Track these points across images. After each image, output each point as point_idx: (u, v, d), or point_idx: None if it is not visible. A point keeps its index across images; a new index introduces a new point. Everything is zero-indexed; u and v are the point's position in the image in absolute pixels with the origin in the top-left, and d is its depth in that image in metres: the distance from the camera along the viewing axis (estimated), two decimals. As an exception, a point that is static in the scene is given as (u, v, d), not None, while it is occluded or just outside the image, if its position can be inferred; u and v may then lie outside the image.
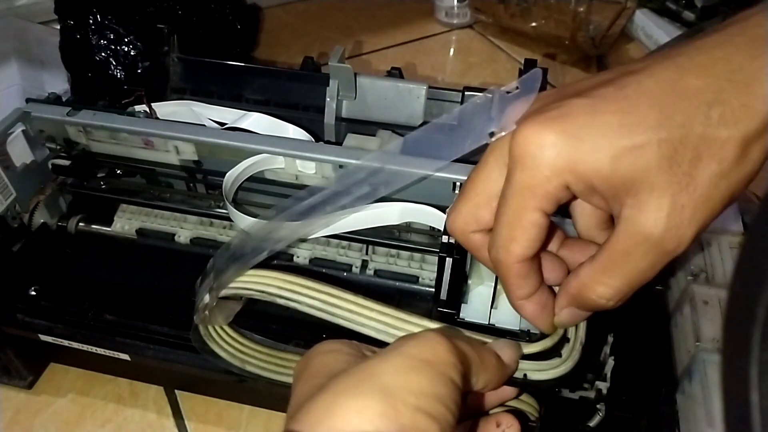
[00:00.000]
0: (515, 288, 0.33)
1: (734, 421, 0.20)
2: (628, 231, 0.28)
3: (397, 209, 0.48)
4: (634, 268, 0.29)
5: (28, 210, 0.53)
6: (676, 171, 0.27)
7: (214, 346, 0.42)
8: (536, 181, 0.29)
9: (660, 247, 0.28)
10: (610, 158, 0.27)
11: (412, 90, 0.57)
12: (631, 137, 0.27)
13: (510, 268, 0.32)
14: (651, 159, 0.27)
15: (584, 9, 0.86)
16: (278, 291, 0.38)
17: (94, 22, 0.61)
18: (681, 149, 0.27)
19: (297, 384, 0.29)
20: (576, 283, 0.32)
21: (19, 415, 0.52)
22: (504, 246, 0.31)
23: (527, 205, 0.29)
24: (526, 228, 0.30)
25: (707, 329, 0.41)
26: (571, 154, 0.28)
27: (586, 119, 0.28)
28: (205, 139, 0.50)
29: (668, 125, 0.27)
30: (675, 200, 0.27)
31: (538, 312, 0.34)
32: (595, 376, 0.40)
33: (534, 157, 0.28)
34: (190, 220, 0.54)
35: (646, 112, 0.27)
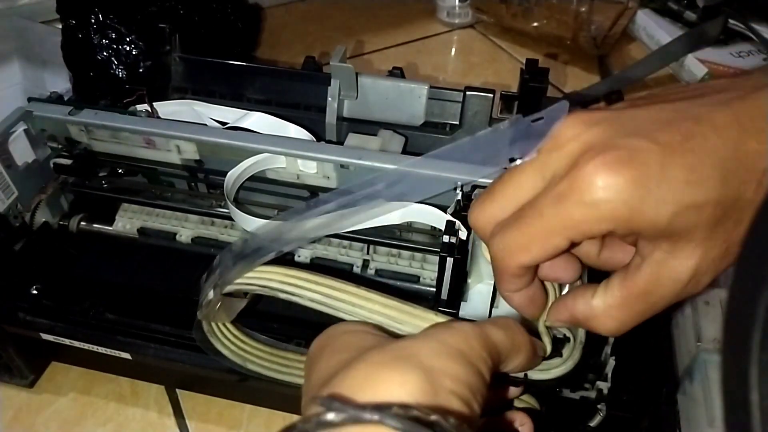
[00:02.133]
0: (507, 284, 0.33)
1: (734, 420, 0.20)
2: (654, 272, 0.29)
3: (398, 209, 0.48)
4: (649, 308, 0.30)
5: (30, 209, 0.54)
6: (719, 230, 0.28)
7: (216, 343, 0.42)
8: (586, 219, 0.28)
9: (681, 291, 0.29)
10: (671, 213, 0.27)
11: (414, 90, 0.57)
12: (695, 196, 0.27)
13: (509, 269, 0.32)
14: (705, 218, 0.27)
15: (586, 9, 0.86)
16: (280, 285, 0.38)
17: (95, 21, 0.61)
18: (730, 212, 0.27)
19: (319, 360, 0.29)
20: (586, 312, 0.32)
21: (21, 414, 0.52)
22: (513, 250, 0.31)
23: (561, 232, 0.29)
24: (546, 249, 0.30)
25: (708, 329, 0.41)
26: (635, 204, 0.27)
27: (655, 170, 0.27)
28: (207, 138, 0.50)
29: (727, 188, 0.27)
30: (707, 253, 0.28)
31: (524, 304, 0.34)
32: (596, 376, 0.40)
33: (595, 197, 0.27)
34: (192, 219, 0.54)
35: (710, 172, 0.27)
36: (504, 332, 0.30)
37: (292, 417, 0.51)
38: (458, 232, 0.42)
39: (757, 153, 0.27)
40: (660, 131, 0.28)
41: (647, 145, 0.27)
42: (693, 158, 0.27)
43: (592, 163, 0.28)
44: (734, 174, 0.27)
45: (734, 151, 0.27)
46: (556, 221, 0.29)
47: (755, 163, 0.27)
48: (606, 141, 0.28)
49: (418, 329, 0.35)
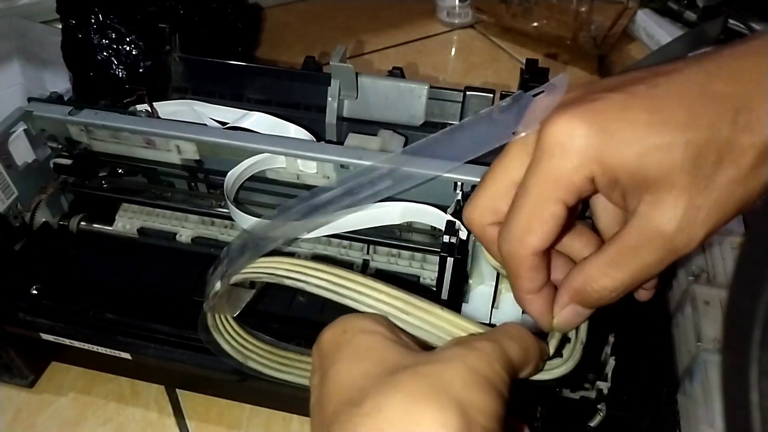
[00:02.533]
0: (526, 281, 0.32)
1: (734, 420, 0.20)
2: (640, 226, 0.29)
3: (398, 209, 0.48)
4: (641, 263, 0.29)
5: (30, 209, 0.54)
6: (698, 173, 0.27)
7: (218, 338, 0.42)
8: (563, 171, 0.29)
9: (670, 245, 0.28)
10: (637, 154, 0.27)
11: (414, 90, 0.57)
12: (659, 136, 0.27)
13: (523, 260, 0.31)
14: (676, 159, 0.27)
15: (586, 9, 0.86)
16: (286, 273, 0.38)
17: (95, 21, 0.61)
18: (705, 152, 0.27)
19: (336, 360, 0.28)
20: (580, 277, 0.31)
21: (21, 414, 0.52)
22: (520, 237, 0.31)
23: (550, 196, 0.29)
24: (546, 220, 0.30)
25: (708, 329, 0.41)
26: (601, 146, 0.28)
27: (617, 113, 0.28)
28: (207, 138, 0.50)
29: (696, 127, 0.27)
30: (692, 201, 0.27)
31: (543, 309, 0.34)
32: (596, 376, 0.40)
33: (563, 146, 0.28)
34: (192, 219, 0.54)
35: (675, 111, 0.27)
36: (518, 345, 0.30)
37: (292, 417, 0.51)
38: (458, 232, 0.42)
39: (725, 94, 0.27)
40: (626, 84, 0.29)
41: (610, 95, 0.28)
42: (656, 101, 0.28)
43: (554, 120, 0.29)
44: (702, 113, 0.27)
45: (701, 92, 0.27)
46: (542, 188, 0.29)
47: (724, 102, 0.27)
48: (571, 100, 0.29)
49: (423, 322, 0.35)
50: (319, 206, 0.40)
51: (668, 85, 0.28)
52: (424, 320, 0.35)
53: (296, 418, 0.51)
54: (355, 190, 0.40)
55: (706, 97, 0.27)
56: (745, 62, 0.27)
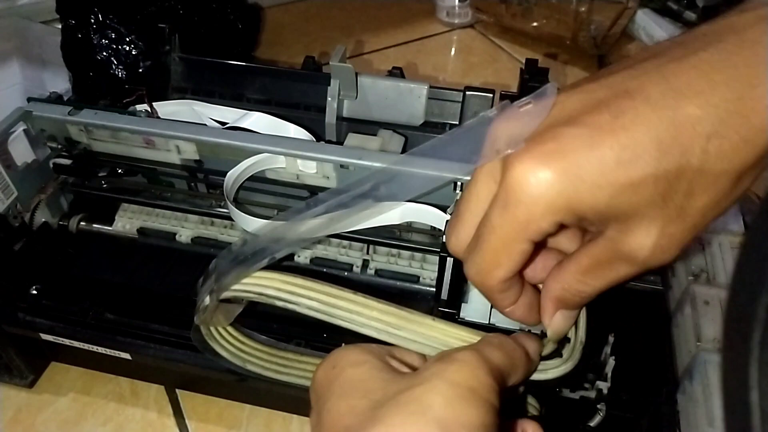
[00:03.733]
0: (499, 301, 0.33)
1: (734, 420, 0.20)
2: (611, 247, 0.29)
3: (398, 209, 0.48)
4: (615, 275, 0.30)
5: (30, 209, 0.54)
6: (669, 204, 0.27)
7: (215, 346, 0.42)
8: (531, 218, 0.28)
9: (643, 264, 0.28)
10: (608, 196, 0.27)
11: (414, 90, 0.57)
12: (629, 175, 0.26)
13: (493, 288, 0.32)
14: (646, 195, 0.26)
15: (585, 9, 0.86)
16: (276, 293, 0.37)
17: (95, 21, 0.61)
18: (675, 184, 0.26)
19: (327, 398, 0.29)
20: (558, 286, 0.32)
21: (20, 414, 0.52)
22: (487, 270, 0.31)
23: (518, 238, 0.29)
24: (513, 257, 0.30)
25: (708, 329, 0.41)
26: (569, 193, 0.27)
27: (584, 155, 0.26)
28: (207, 138, 0.50)
29: (665, 160, 0.26)
30: (664, 230, 0.27)
31: (526, 313, 0.34)
32: (595, 375, 0.40)
33: (530, 195, 0.27)
34: (191, 219, 0.54)
35: (645, 146, 0.26)
36: (501, 352, 0.30)
37: (292, 417, 0.51)
38: (458, 232, 0.42)
39: (696, 118, 0.26)
40: (589, 113, 0.27)
41: (574, 131, 0.27)
42: (624, 136, 0.26)
43: (518, 163, 0.27)
44: (672, 144, 0.26)
45: (671, 120, 0.26)
46: (508, 229, 0.29)
47: (695, 128, 0.26)
48: (534, 138, 0.28)
49: (417, 334, 0.36)
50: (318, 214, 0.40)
51: (634, 114, 0.26)
52: (417, 333, 0.36)
53: (296, 418, 0.51)
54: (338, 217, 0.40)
55: (676, 126, 0.26)
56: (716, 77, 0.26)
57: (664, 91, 0.26)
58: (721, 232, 0.47)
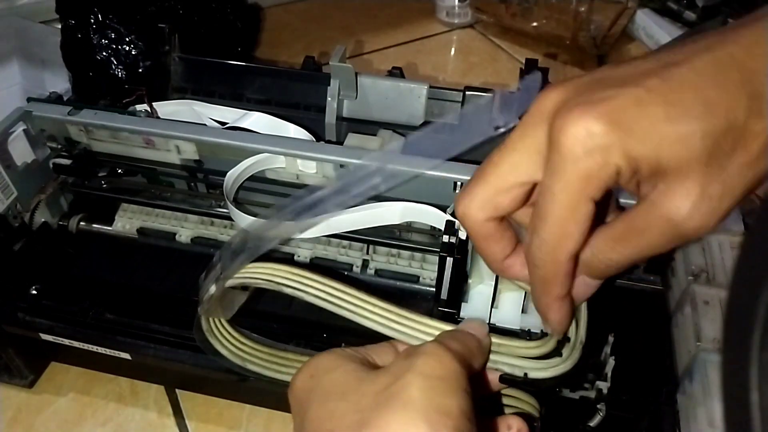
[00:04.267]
0: (559, 287, 0.32)
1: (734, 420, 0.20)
2: (650, 211, 0.29)
3: (398, 209, 0.48)
4: (648, 243, 0.30)
5: (29, 209, 0.54)
6: (713, 162, 0.27)
7: (215, 343, 0.42)
8: (591, 171, 0.28)
9: (679, 230, 0.28)
10: (656, 146, 0.27)
11: (413, 90, 0.57)
12: (677, 128, 0.27)
13: (562, 266, 0.31)
14: (693, 150, 0.27)
15: (585, 9, 0.86)
16: (285, 281, 0.38)
17: (95, 21, 0.61)
18: (722, 141, 0.27)
19: (308, 407, 0.30)
20: (588, 250, 0.31)
21: (20, 414, 0.52)
22: (556, 243, 0.30)
23: (582, 197, 0.29)
24: (581, 221, 0.29)
25: (708, 329, 0.41)
26: (623, 143, 0.28)
27: (634, 110, 0.28)
28: (206, 138, 0.50)
29: (712, 117, 0.27)
30: (704, 190, 0.27)
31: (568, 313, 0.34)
32: (595, 375, 0.40)
33: (586, 147, 0.28)
34: (191, 219, 0.54)
35: (691, 103, 0.27)
36: (457, 341, 0.32)
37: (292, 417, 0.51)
38: (458, 232, 0.42)
39: (737, 81, 0.27)
40: (639, 77, 0.28)
41: (625, 90, 0.28)
42: (671, 94, 0.27)
43: (570, 121, 0.28)
44: (718, 103, 0.27)
45: (714, 81, 0.27)
46: (571, 191, 0.29)
47: (738, 88, 0.27)
48: (579, 97, 0.29)
49: (415, 331, 0.36)
50: (312, 205, 0.40)
51: (681, 77, 0.28)
52: (414, 329, 0.36)
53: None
54: (347, 187, 0.40)
55: (720, 87, 0.27)
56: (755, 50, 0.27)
57: (708, 61, 0.28)
58: (721, 232, 0.47)
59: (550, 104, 0.30)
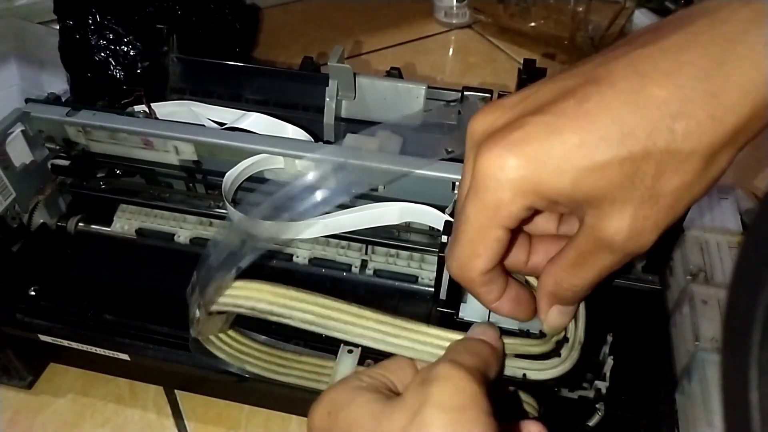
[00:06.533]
0: (484, 295, 0.34)
1: (734, 421, 0.20)
2: (591, 236, 0.29)
3: (396, 209, 0.48)
4: (601, 265, 0.30)
5: (28, 210, 0.53)
6: (639, 186, 0.27)
7: (213, 349, 0.42)
8: (500, 203, 0.29)
9: (623, 251, 0.29)
10: (571, 179, 0.27)
11: (412, 90, 0.57)
12: (592, 157, 0.26)
13: (475, 281, 0.32)
14: (613, 178, 0.26)
15: (583, 9, 0.86)
16: (269, 307, 0.37)
17: (93, 22, 0.61)
18: (643, 165, 0.26)
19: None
20: (551, 282, 0.33)
21: (19, 415, 0.52)
22: (466, 262, 0.32)
23: (491, 224, 0.30)
24: (489, 244, 0.30)
25: (706, 329, 0.41)
26: (534, 177, 0.27)
27: (548, 141, 0.27)
28: (205, 139, 0.50)
29: (630, 142, 0.26)
30: (637, 212, 0.27)
31: (513, 308, 0.35)
32: (594, 375, 0.40)
33: (497, 179, 0.28)
34: (190, 220, 0.54)
35: (607, 128, 0.26)
36: (470, 354, 0.31)
37: (291, 417, 0.51)
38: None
39: (662, 99, 0.26)
40: (555, 102, 0.28)
41: (539, 119, 0.27)
42: (587, 120, 0.26)
43: (487, 151, 0.28)
44: (637, 126, 0.26)
45: (635, 102, 0.26)
46: (480, 217, 0.29)
47: (660, 108, 0.26)
48: (502, 125, 0.29)
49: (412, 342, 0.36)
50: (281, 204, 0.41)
51: (599, 98, 0.27)
52: (413, 340, 0.36)
53: (295, 418, 0.51)
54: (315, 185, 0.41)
55: (640, 106, 0.26)
56: (683, 57, 0.26)
57: (630, 75, 0.27)
58: (719, 232, 0.47)
59: (479, 130, 0.30)
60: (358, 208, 0.48)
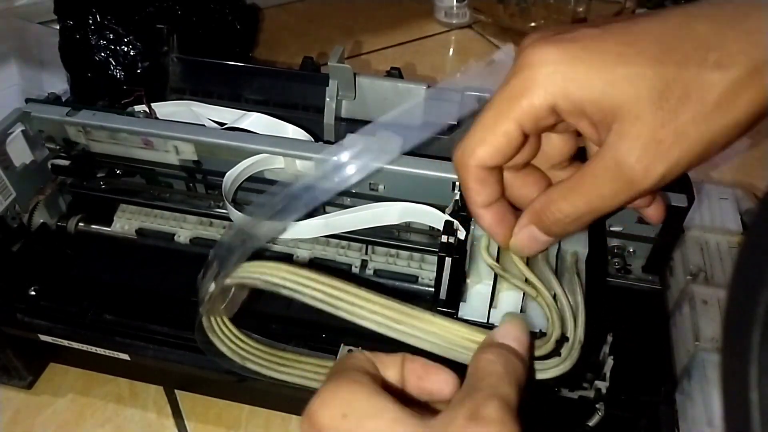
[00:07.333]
0: (473, 193, 0.33)
1: (734, 420, 0.20)
2: (602, 155, 0.29)
3: (396, 209, 0.48)
4: (597, 191, 0.30)
5: (28, 210, 0.53)
6: (663, 105, 0.28)
7: (215, 341, 0.42)
8: (525, 92, 0.29)
9: (626, 176, 0.29)
10: (603, 82, 0.28)
11: (412, 90, 0.57)
12: (628, 66, 0.28)
13: (470, 169, 0.32)
14: (642, 89, 0.28)
15: (583, 9, 0.87)
16: (282, 282, 0.38)
17: (93, 22, 0.61)
18: (672, 85, 0.27)
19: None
20: (543, 198, 0.33)
21: (19, 416, 0.52)
22: (471, 147, 0.32)
23: (507, 113, 0.30)
24: (498, 135, 0.31)
25: (706, 329, 0.41)
26: (569, 74, 0.29)
27: (589, 43, 0.29)
28: (205, 139, 0.50)
29: (665, 61, 0.27)
30: (654, 133, 0.28)
31: (494, 222, 0.35)
32: (594, 375, 0.40)
33: (532, 68, 0.29)
34: (190, 220, 0.54)
35: (647, 45, 0.28)
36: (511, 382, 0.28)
37: (291, 417, 0.51)
38: (456, 232, 0.42)
39: (700, 33, 0.27)
40: (606, 23, 0.29)
41: (586, 29, 0.29)
42: (630, 36, 0.28)
43: (532, 45, 0.30)
44: (675, 49, 0.27)
45: (676, 31, 0.28)
46: (502, 104, 0.30)
47: (699, 39, 0.27)
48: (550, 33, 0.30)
49: (416, 329, 0.36)
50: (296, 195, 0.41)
51: (646, 24, 0.29)
52: (417, 328, 0.36)
53: (294, 418, 0.51)
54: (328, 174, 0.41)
55: (682, 36, 0.28)
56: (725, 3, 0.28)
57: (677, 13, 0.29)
58: (719, 232, 0.47)
59: (531, 37, 0.31)
60: (358, 208, 0.48)
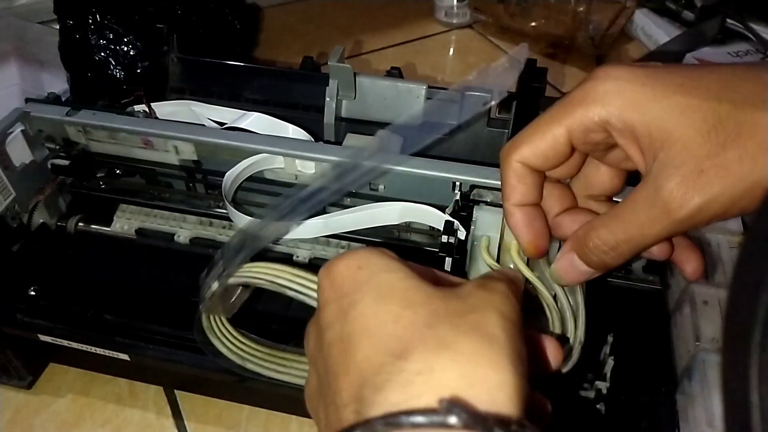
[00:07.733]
0: (508, 188, 0.34)
1: (734, 421, 0.20)
2: (645, 182, 0.30)
3: (397, 209, 0.48)
4: (635, 219, 0.30)
5: (28, 210, 0.53)
6: (712, 138, 0.28)
7: (215, 341, 0.42)
8: (583, 102, 0.31)
9: (662, 202, 0.29)
10: (658, 108, 0.29)
11: (412, 90, 0.57)
12: (684, 97, 0.29)
13: (510, 164, 0.33)
14: (694, 120, 0.28)
15: (584, 9, 0.86)
16: (288, 283, 0.38)
17: (93, 21, 0.61)
18: (725, 121, 0.28)
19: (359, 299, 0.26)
20: (586, 226, 0.33)
21: (19, 415, 0.52)
22: (516, 143, 0.33)
23: (560, 119, 0.31)
24: (545, 136, 0.32)
25: (707, 329, 0.41)
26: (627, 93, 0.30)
27: (657, 72, 0.30)
28: (205, 139, 0.50)
29: (722, 98, 0.28)
30: (698, 163, 0.28)
31: (522, 223, 0.34)
32: (594, 375, 0.40)
33: (596, 81, 0.30)
34: (190, 220, 0.54)
35: (709, 83, 0.29)
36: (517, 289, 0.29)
37: (291, 418, 0.51)
38: (457, 232, 0.42)
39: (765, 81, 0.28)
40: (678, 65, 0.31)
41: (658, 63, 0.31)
42: (696, 72, 0.30)
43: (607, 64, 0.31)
44: (735, 89, 0.28)
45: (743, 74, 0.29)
46: (558, 110, 0.31)
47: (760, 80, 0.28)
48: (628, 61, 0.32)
49: None
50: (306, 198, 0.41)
51: (716, 67, 0.30)
52: None
53: (294, 418, 0.51)
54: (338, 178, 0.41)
55: (746, 79, 0.29)
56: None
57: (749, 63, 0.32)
58: (720, 232, 0.47)
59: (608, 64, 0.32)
60: (358, 208, 0.48)
